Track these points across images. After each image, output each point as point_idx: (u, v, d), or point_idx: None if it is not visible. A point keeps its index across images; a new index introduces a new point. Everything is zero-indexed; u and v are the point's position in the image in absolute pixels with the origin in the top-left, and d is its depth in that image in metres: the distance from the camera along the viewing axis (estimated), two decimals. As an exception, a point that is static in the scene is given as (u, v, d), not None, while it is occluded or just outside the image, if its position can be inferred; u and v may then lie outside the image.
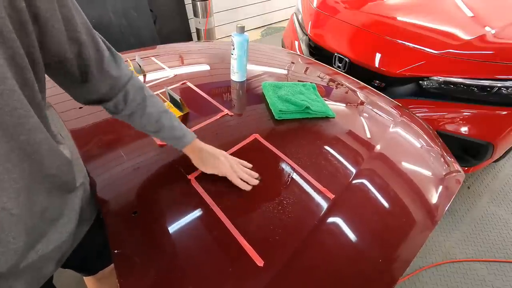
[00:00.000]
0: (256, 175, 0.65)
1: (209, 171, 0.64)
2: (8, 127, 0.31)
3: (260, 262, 0.50)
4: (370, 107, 0.97)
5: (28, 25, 0.31)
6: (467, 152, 1.36)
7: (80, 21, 0.40)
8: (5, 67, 0.29)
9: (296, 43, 1.77)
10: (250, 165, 0.67)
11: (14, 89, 0.30)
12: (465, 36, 1.28)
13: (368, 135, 0.83)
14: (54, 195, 0.43)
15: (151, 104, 0.56)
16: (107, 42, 0.48)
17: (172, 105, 0.87)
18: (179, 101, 0.82)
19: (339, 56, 1.49)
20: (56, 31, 0.35)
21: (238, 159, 0.67)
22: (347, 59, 1.45)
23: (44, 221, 0.43)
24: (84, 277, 0.79)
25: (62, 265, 0.54)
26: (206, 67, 1.12)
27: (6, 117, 0.31)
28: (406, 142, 0.87)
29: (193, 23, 2.62)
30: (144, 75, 1.02)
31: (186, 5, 2.54)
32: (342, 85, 1.10)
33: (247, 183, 0.63)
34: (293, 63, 1.26)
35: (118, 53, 0.50)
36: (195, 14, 2.45)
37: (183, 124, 0.63)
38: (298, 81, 1.07)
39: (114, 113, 0.55)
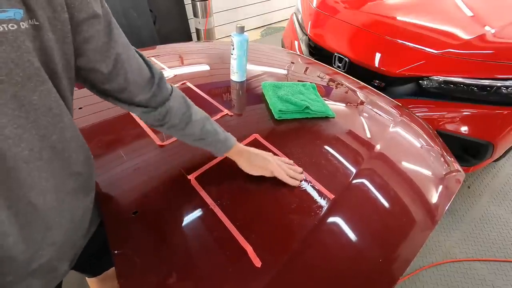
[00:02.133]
0: (300, 169, 0.67)
1: (257, 172, 0.64)
2: (42, 126, 0.33)
3: (258, 263, 0.50)
4: (370, 107, 0.97)
5: (68, 36, 0.33)
6: (467, 151, 1.36)
7: (118, 37, 0.41)
8: (42, 70, 0.31)
9: (296, 43, 1.77)
10: (291, 161, 0.69)
11: (51, 90, 0.33)
12: (465, 36, 1.28)
13: (368, 135, 0.83)
14: (78, 196, 0.45)
15: (195, 112, 0.56)
16: (145, 57, 0.48)
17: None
18: (179, 101, 0.81)
19: (339, 56, 1.48)
20: (95, 43, 0.37)
21: (281, 158, 0.69)
22: (347, 59, 1.45)
23: (68, 220, 0.43)
24: (87, 278, 0.79)
25: None
26: (206, 67, 1.12)
27: (41, 117, 0.32)
28: (406, 142, 0.87)
29: (193, 23, 2.62)
30: (144, 75, 1.02)
31: (186, 5, 2.53)
32: (342, 85, 1.10)
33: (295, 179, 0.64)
34: (293, 63, 1.26)
35: (156, 68, 0.50)
36: (195, 14, 2.45)
37: (223, 129, 0.62)
38: (298, 81, 1.07)
39: (159, 125, 0.55)
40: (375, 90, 1.10)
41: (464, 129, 1.26)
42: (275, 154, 0.72)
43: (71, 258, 0.50)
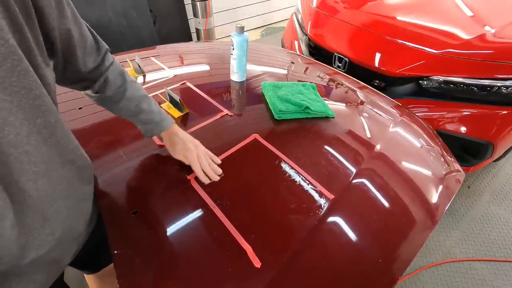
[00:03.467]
0: (220, 171, 0.66)
1: (177, 157, 0.66)
2: (26, 110, 0.32)
3: (258, 263, 0.50)
4: (370, 107, 0.97)
5: (32, 11, 0.32)
6: (467, 151, 1.36)
7: (68, 10, 0.41)
8: (18, 48, 0.30)
9: (296, 43, 1.77)
10: (219, 161, 0.68)
11: (29, 69, 0.32)
12: (465, 36, 1.28)
13: (368, 135, 0.83)
14: (73, 186, 0.45)
15: (131, 89, 0.58)
16: (93, 30, 0.50)
17: (171, 105, 0.87)
18: (179, 101, 0.82)
19: (339, 56, 1.48)
20: (51, 18, 0.37)
21: (209, 152, 0.68)
22: (347, 59, 1.45)
23: (64, 209, 0.43)
24: (85, 276, 0.79)
25: None
26: (205, 67, 1.12)
27: (23, 99, 0.32)
28: (406, 141, 0.87)
29: (193, 23, 2.62)
30: (144, 76, 1.02)
31: (186, 5, 2.53)
32: (342, 85, 1.10)
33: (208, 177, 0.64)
34: (292, 63, 1.26)
35: (102, 41, 0.52)
36: (195, 14, 2.45)
37: (163, 111, 0.65)
38: (298, 81, 1.07)
39: (93, 96, 0.57)
40: (375, 90, 1.10)
41: (464, 129, 1.26)
42: (275, 154, 0.72)
43: (73, 250, 0.51)
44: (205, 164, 0.65)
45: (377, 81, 1.38)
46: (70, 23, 0.41)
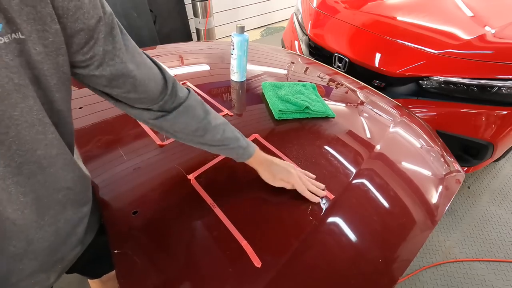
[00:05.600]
0: (322, 186, 0.64)
1: (279, 184, 0.61)
2: (25, 141, 0.32)
3: (258, 263, 0.50)
4: (370, 107, 0.97)
5: (62, 47, 0.31)
6: (467, 152, 1.36)
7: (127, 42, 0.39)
8: (29, 87, 0.30)
9: (296, 43, 1.77)
10: (314, 176, 0.66)
11: (33, 107, 0.31)
12: (465, 36, 1.28)
13: (368, 135, 0.83)
14: (65, 210, 0.43)
15: (214, 118, 0.54)
16: (157, 62, 0.47)
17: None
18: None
19: (339, 56, 1.49)
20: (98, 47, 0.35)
21: (304, 171, 0.66)
22: (347, 59, 1.45)
23: (52, 234, 0.42)
24: (88, 280, 0.78)
25: (66, 271, 0.53)
26: (206, 67, 1.12)
27: (23, 131, 0.31)
28: (406, 142, 0.87)
29: (193, 23, 2.62)
30: (144, 75, 1.02)
31: (186, 5, 2.53)
32: (342, 85, 1.10)
33: (315, 195, 0.61)
34: (293, 63, 1.26)
35: (169, 74, 0.49)
36: (195, 14, 2.45)
37: (241, 133, 0.60)
38: (298, 81, 1.07)
39: (175, 132, 0.52)
40: (375, 90, 1.10)
41: (464, 129, 1.26)
42: (275, 154, 0.72)
43: (58, 271, 0.48)
44: (309, 185, 0.62)
45: (377, 81, 1.38)
46: (126, 57, 0.38)
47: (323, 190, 0.63)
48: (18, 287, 0.42)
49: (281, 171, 0.61)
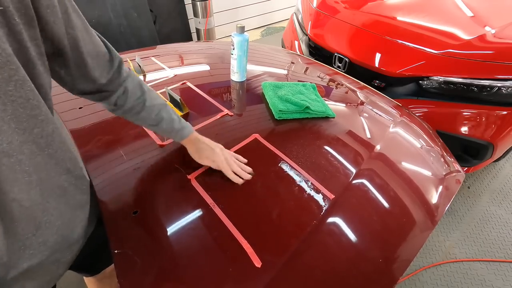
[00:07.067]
0: (249, 169, 0.67)
1: (204, 162, 0.66)
2: (22, 119, 0.32)
3: (258, 263, 0.50)
4: (370, 107, 0.97)
5: (34, 19, 0.32)
6: (467, 152, 1.36)
7: (76, 19, 0.41)
8: (14, 57, 0.30)
9: (296, 43, 1.77)
10: (245, 160, 0.69)
11: (26, 79, 0.32)
12: (465, 36, 1.28)
13: (368, 135, 0.83)
14: (68, 194, 0.44)
15: (150, 98, 0.58)
16: (106, 41, 0.49)
17: (172, 105, 0.87)
18: (179, 101, 0.82)
19: (339, 56, 1.49)
20: (56, 27, 0.36)
21: (234, 153, 0.69)
22: (347, 59, 1.45)
23: (58, 218, 0.43)
24: (84, 278, 0.79)
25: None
26: (206, 67, 1.12)
27: (19, 109, 0.31)
28: (406, 142, 0.87)
29: (193, 23, 2.62)
30: (144, 75, 1.02)
31: (186, 5, 2.54)
32: (342, 85, 1.10)
33: (240, 177, 0.64)
34: (293, 63, 1.26)
35: (115, 52, 0.51)
36: (195, 14, 2.45)
37: (182, 119, 0.65)
38: (298, 81, 1.07)
39: (114, 108, 0.56)
40: (375, 90, 1.10)
41: (464, 129, 1.26)
42: (275, 154, 0.72)
43: (67, 260, 0.49)
44: (234, 166, 0.65)
45: (377, 81, 1.38)
46: (79, 32, 0.41)
47: (249, 173, 0.66)
48: (28, 276, 0.41)
49: (207, 149, 0.66)
